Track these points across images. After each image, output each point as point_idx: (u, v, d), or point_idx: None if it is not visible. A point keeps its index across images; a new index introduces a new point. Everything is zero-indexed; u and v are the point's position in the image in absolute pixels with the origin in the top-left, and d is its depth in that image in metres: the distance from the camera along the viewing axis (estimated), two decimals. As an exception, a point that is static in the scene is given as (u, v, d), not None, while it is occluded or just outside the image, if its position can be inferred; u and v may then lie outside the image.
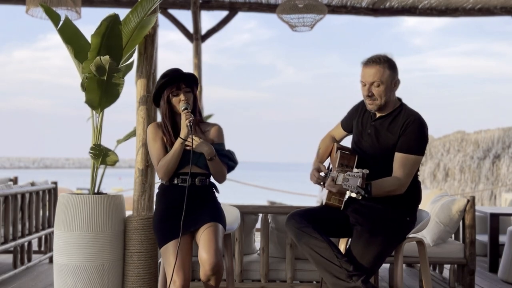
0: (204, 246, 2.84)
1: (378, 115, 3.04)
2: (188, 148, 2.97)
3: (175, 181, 3.04)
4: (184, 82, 3.06)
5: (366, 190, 2.64)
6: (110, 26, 3.23)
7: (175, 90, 3.04)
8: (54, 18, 3.40)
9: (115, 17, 3.23)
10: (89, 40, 3.40)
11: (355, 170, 2.63)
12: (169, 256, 2.89)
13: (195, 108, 3.11)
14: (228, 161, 3.12)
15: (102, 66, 3.20)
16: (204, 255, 2.81)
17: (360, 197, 2.62)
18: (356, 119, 3.17)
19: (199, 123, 3.15)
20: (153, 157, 3.07)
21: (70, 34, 3.43)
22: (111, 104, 3.49)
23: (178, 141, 2.98)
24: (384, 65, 2.95)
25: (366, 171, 2.62)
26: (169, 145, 3.05)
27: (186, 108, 3.00)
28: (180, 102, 3.03)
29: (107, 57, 3.17)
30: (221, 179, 3.11)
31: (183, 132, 2.96)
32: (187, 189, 2.92)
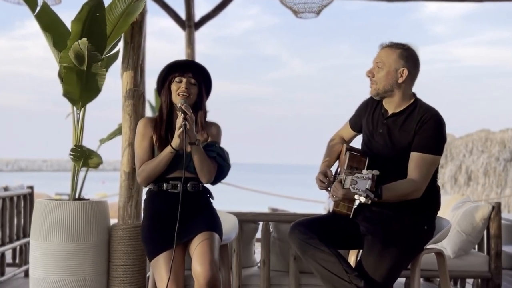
0: (199, 259, 2.83)
1: (390, 112, 3.04)
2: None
3: (164, 187, 3.02)
4: (192, 72, 3.05)
5: (376, 194, 2.64)
6: (92, 10, 3.22)
7: (177, 76, 3.03)
8: (30, 2, 3.40)
9: (97, 0, 3.22)
10: (69, 27, 3.39)
11: (364, 171, 2.64)
12: (160, 269, 2.89)
13: (200, 106, 3.08)
14: (220, 159, 3.05)
15: (81, 53, 3.19)
16: (199, 268, 2.81)
17: (370, 202, 2.62)
18: (365, 117, 3.16)
19: (202, 123, 3.10)
20: (137, 157, 3.05)
21: (48, 21, 3.44)
22: (93, 99, 3.49)
23: (168, 149, 2.93)
24: (396, 50, 2.98)
25: (376, 172, 2.63)
26: (157, 143, 3.01)
27: (183, 105, 2.89)
28: (179, 91, 2.99)
29: (84, 39, 3.15)
30: (205, 177, 2.99)
31: (175, 142, 2.90)
32: (181, 196, 2.89)
